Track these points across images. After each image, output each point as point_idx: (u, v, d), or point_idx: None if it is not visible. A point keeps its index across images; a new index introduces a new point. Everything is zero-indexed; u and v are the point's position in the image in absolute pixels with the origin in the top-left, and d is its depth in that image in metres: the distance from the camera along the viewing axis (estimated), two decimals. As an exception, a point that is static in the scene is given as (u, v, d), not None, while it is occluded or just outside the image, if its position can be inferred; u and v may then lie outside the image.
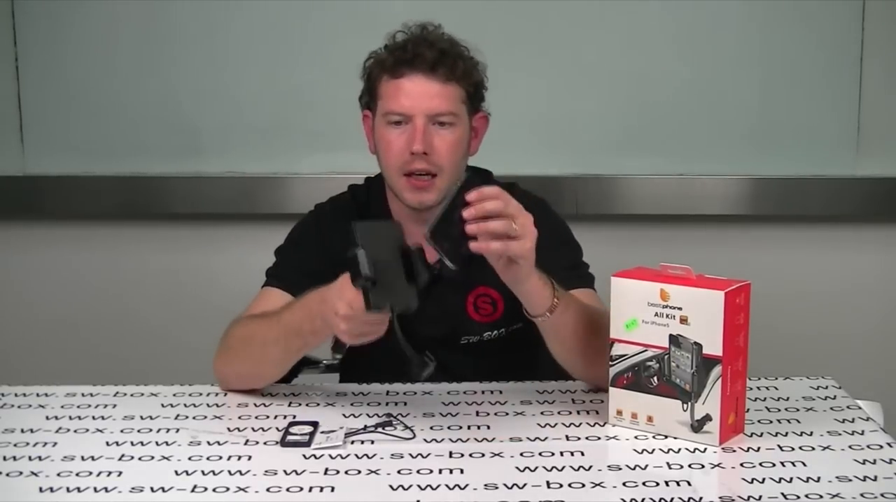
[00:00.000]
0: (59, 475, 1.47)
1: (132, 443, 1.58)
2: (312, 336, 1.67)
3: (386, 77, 1.83)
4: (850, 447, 1.53)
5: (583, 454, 1.52)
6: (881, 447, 1.53)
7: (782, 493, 1.37)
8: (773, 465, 1.47)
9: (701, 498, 1.37)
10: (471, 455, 1.52)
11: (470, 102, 1.86)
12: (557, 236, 1.94)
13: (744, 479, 1.43)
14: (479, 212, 1.49)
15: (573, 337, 1.67)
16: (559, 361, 1.73)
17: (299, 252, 1.93)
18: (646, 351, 1.56)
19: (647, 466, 1.48)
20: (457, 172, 1.86)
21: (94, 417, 1.70)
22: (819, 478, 1.42)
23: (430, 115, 1.80)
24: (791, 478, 1.42)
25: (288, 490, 1.41)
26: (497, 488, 1.40)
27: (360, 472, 1.46)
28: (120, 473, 1.47)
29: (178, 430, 1.63)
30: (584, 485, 1.41)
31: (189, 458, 1.52)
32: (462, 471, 1.46)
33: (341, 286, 1.56)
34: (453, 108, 1.82)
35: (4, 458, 1.53)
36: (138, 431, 1.63)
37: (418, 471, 1.46)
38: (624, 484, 1.42)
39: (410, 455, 1.52)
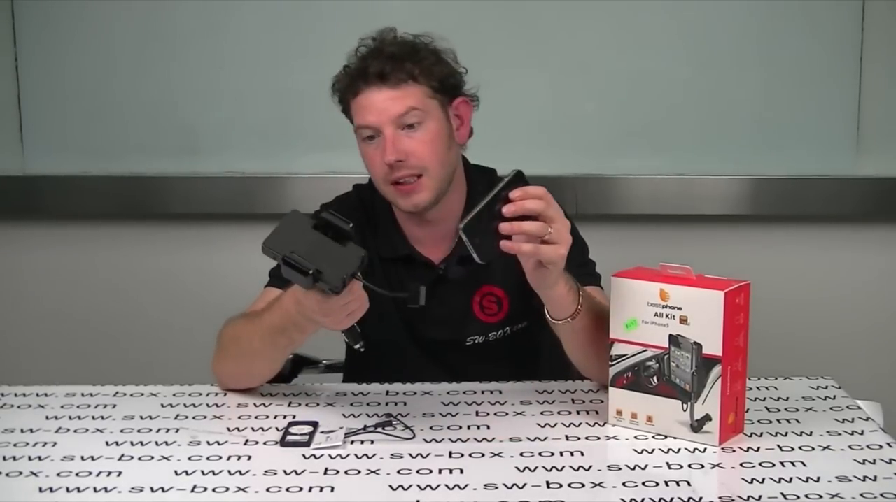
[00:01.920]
0: (58, 475, 1.47)
1: (132, 443, 1.58)
2: (298, 333, 1.67)
3: (349, 97, 1.84)
4: (849, 447, 1.53)
5: (582, 454, 1.52)
6: (881, 447, 1.53)
7: (782, 493, 1.37)
8: (773, 465, 1.47)
9: (701, 498, 1.37)
10: (470, 455, 1.52)
11: (442, 94, 1.84)
12: None
13: (743, 479, 1.43)
14: (518, 210, 1.48)
15: (591, 339, 1.66)
16: (573, 361, 1.73)
17: None
18: (645, 351, 1.56)
19: (646, 466, 1.48)
20: (445, 165, 1.85)
21: (93, 417, 1.69)
22: (819, 478, 1.42)
23: (394, 120, 1.79)
24: (791, 478, 1.42)
25: (288, 490, 1.41)
26: (497, 488, 1.40)
27: (359, 472, 1.46)
28: (120, 473, 1.47)
29: (177, 430, 1.63)
30: (583, 485, 1.41)
31: (189, 458, 1.52)
32: (462, 471, 1.46)
33: (302, 295, 1.55)
34: (414, 104, 1.80)
35: (4, 458, 1.53)
36: (138, 431, 1.63)
37: (418, 471, 1.46)
38: (624, 484, 1.42)
39: (410, 455, 1.52)
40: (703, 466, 1.48)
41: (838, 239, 2.84)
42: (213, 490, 1.42)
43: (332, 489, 1.41)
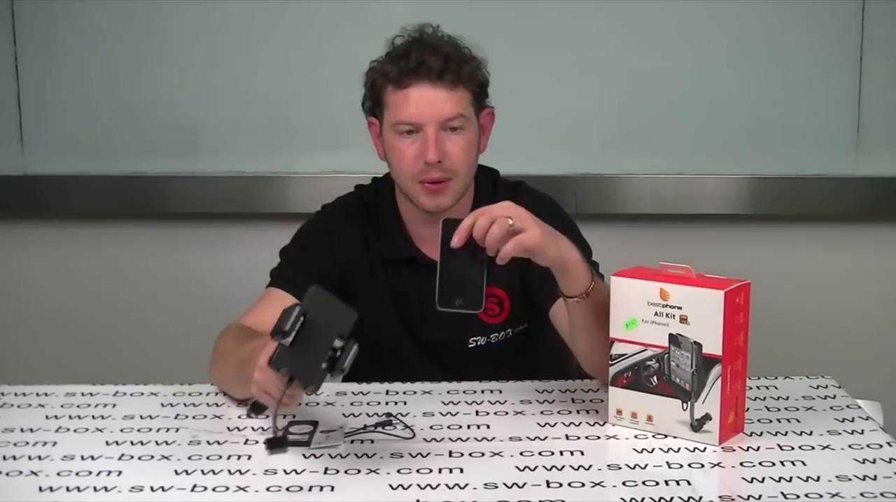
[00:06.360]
0: (58, 474, 1.47)
1: (132, 443, 1.58)
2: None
3: (391, 87, 1.81)
4: (849, 446, 1.53)
5: (582, 453, 1.52)
6: (881, 446, 1.53)
7: (782, 493, 1.37)
8: (773, 464, 1.47)
9: (701, 498, 1.37)
10: (470, 454, 1.52)
11: (477, 102, 1.85)
12: (567, 234, 1.93)
13: (743, 478, 1.43)
14: (475, 232, 1.51)
15: (601, 324, 1.62)
16: (578, 350, 1.72)
17: (306, 254, 1.92)
18: (645, 350, 1.56)
19: (646, 465, 1.48)
20: (471, 173, 1.87)
21: (93, 417, 1.70)
22: (819, 478, 1.42)
23: (441, 122, 1.79)
24: (791, 478, 1.42)
25: (287, 489, 1.41)
26: (497, 487, 1.40)
27: (359, 472, 1.46)
28: (120, 473, 1.47)
29: (177, 430, 1.63)
30: (583, 485, 1.41)
31: (189, 458, 1.52)
32: (462, 471, 1.46)
33: (268, 349, 1.47)
34: (463, 111, 1.80)
35: (4, 458, 1.53)
36: (138, 431, 1.63)
37: (418, 471, 1.46)
38: (624, 483, 1.42)
39: (410, 454, 1.52)
40: (703, 465, 1.48)
41: (838, 238, 2.84)
42: (213, 489, 1.42)
43: (332, 488, 1.41)
